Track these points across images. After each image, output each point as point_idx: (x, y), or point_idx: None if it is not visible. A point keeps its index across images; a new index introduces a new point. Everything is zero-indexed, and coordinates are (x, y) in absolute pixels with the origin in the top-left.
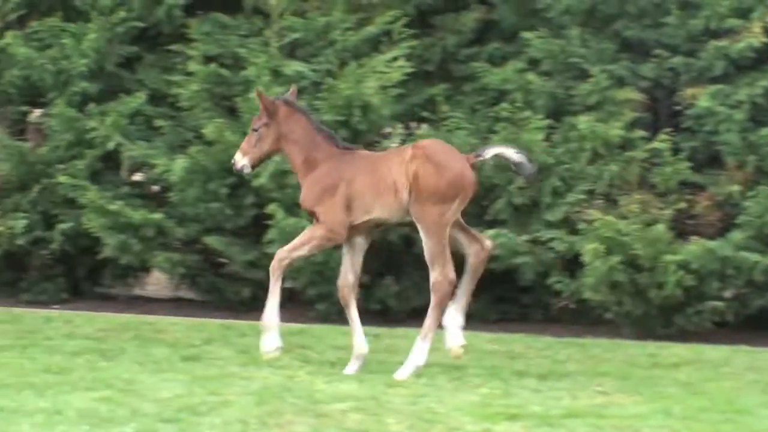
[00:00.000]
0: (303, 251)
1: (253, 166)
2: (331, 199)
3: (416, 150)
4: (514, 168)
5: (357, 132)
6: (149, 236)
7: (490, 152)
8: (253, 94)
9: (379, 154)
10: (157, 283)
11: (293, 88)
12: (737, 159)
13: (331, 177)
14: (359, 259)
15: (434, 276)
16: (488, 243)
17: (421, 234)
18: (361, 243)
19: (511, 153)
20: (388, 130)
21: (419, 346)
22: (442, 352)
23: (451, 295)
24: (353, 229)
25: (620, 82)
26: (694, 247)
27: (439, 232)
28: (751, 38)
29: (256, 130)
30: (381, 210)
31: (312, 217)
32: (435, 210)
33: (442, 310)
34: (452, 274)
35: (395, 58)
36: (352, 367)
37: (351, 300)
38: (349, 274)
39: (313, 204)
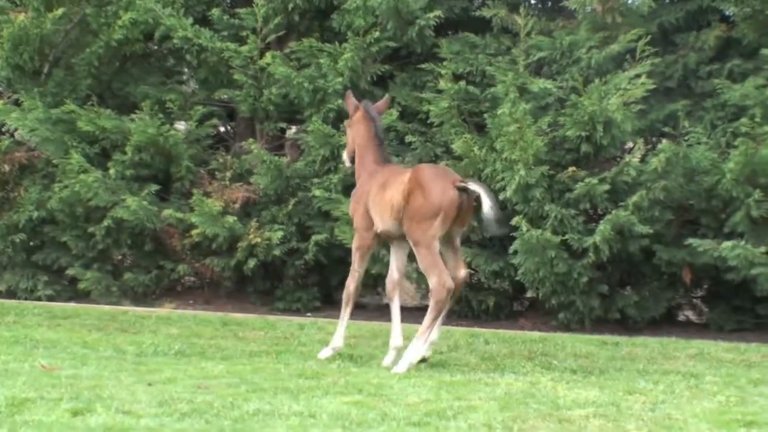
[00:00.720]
0: (356, 269)
1: (352, 162)
2: (359, 209)
3: (412, 173)
4: (481, 218)
5: (599, 147)
6: None
7: (473, 186)
8: (500, 111)
9: (395, 171)
10: (405, 292)
11: (387, 96)
12: None
13: (362, 188)
14: (402, 257)
15: (432, 283)
16: (463, 272)
17: (412, 247)
18: (402, 242)
19: (487, 205)
20: (629, 145)
21: (414, 344)
22: (682, 360)
23: (447, 300)
24: (384, 235)
25: None
26: None
27: (426, 244)
28: None
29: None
30: (383, 223)
31: None
32: (420, 226)
33: (439, 311)
34: (449, 282)
35: (638, 75)
36: (388, 359)
37: (395, 295)
38: (394, 272)
39: (351, 213)
